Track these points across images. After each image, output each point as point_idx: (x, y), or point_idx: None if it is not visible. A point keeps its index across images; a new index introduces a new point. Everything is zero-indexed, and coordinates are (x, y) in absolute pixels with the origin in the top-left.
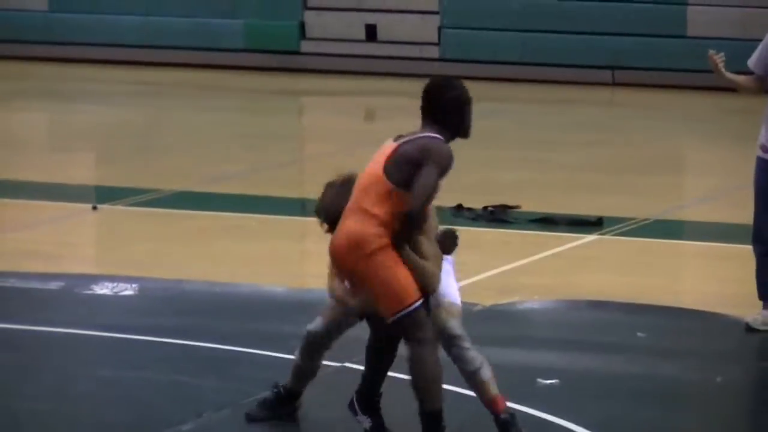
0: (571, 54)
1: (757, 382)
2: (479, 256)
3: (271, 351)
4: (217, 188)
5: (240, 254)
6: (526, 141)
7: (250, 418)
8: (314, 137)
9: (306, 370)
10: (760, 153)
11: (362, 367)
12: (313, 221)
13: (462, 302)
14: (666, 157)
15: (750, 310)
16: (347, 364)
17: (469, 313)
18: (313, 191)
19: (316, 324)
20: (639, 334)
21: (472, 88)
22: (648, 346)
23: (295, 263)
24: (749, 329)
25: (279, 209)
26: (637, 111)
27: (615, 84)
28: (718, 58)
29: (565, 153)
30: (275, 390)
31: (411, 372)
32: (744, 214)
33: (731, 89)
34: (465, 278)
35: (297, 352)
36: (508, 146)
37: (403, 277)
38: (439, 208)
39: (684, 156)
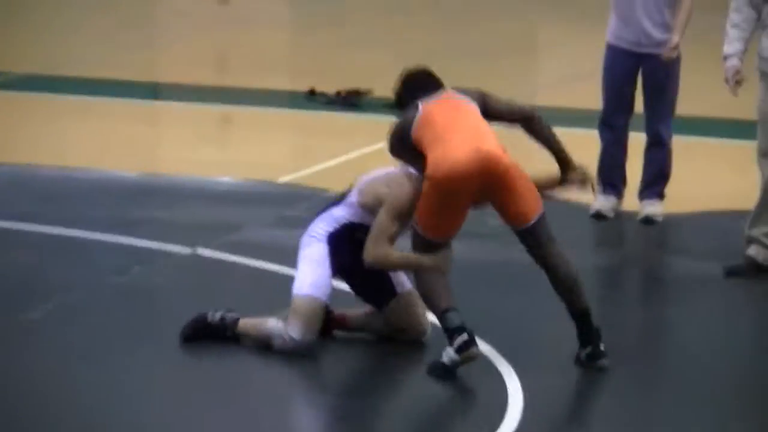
0: None
1: (603, 267)
2: (332, 141)
3: (121, 235)
4: (67, 71)
5: (91, 139)
6: (379, 24)
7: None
8: (167, 19)
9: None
10: (611, 40)
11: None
12: (165, 105)
13: (315, 188)
14: (521, 39)
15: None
16: (198, 250)
17: (322, 200)
18: (165, 76)
19: (302, 333)
20: (490, 222)
21: None
22: (498, 233)
23: (147, 148)
24: (598, 216)
25: (131, 93)
26: None
27: None
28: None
29: (418, 35)
30: (222, 321)
31: (562, 270)
32: (597, 99)
33: None
34: (317, 164)
35: (271, 344)
36: (360, 28)
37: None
38: (292, 93)
39: (539, 39)
